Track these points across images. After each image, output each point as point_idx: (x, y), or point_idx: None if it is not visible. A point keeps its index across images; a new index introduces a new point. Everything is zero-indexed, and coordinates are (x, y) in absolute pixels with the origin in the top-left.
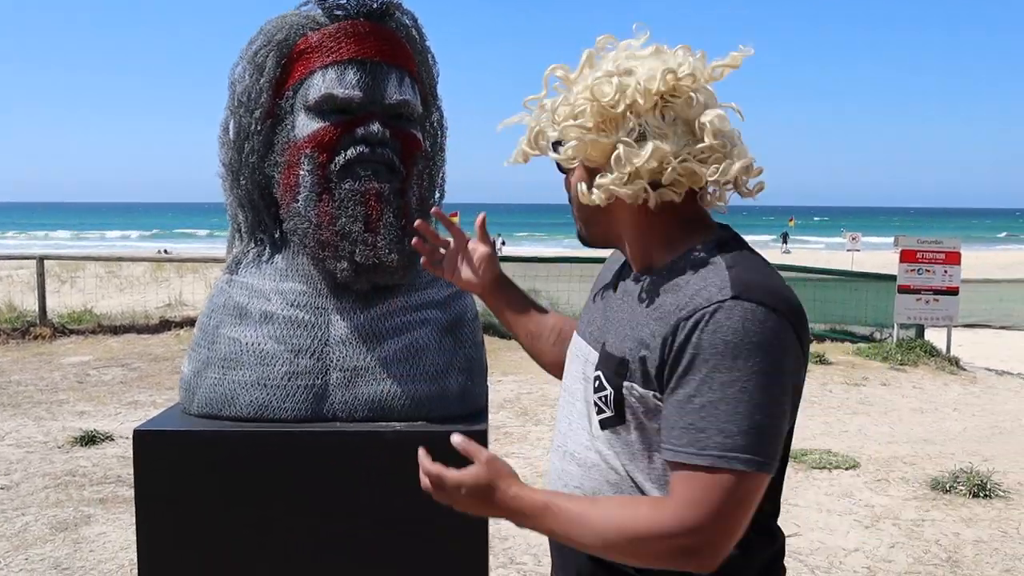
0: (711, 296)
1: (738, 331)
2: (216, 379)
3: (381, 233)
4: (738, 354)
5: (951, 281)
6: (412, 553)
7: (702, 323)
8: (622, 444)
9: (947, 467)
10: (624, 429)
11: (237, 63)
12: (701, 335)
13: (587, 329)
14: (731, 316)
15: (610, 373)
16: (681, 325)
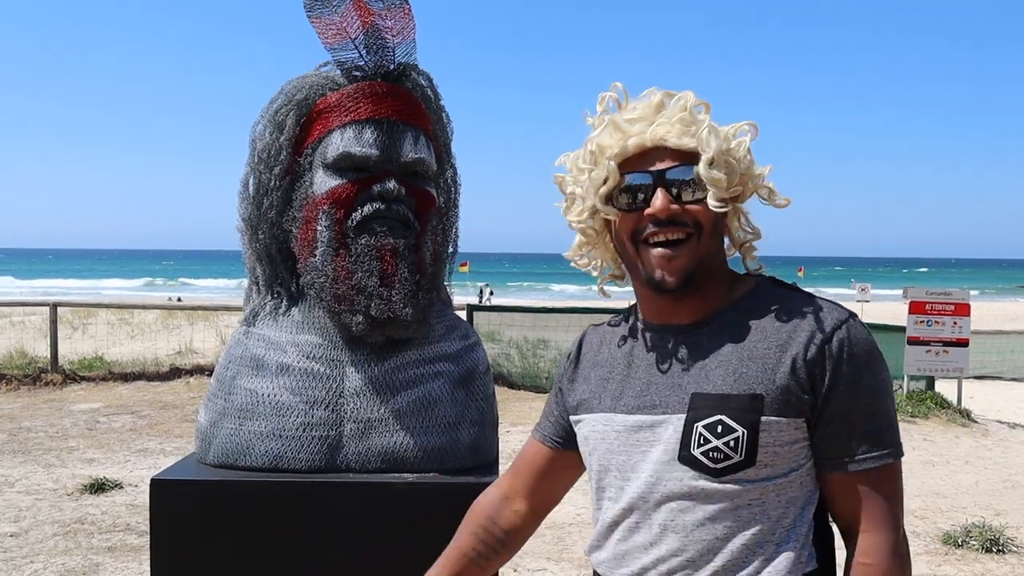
0: (838, 316)
1: (871, 343)
2: (232, 429)
3: (396, 288)
4: (877, 360)
5: (961, 333)
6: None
7: (843, 340)
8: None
9: (959, 521)
10: (753, 471)
11: (258, 121)
12: (852, 350)
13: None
14: (861, 331)
15: (738, 412)
16: (826, 348)
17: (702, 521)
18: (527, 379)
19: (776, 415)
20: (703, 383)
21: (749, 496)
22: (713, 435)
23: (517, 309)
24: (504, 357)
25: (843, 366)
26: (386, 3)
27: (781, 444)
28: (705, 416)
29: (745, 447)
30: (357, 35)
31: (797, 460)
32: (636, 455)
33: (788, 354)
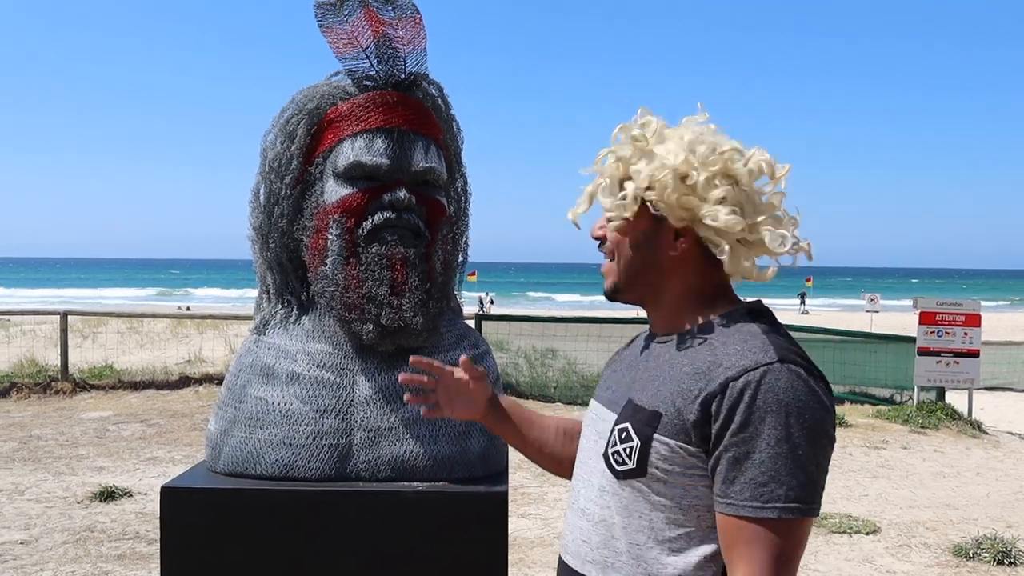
0: (758, 359)
1: (788, 391)
2: (243, 438)
3: (406, 296)
4: (790, 412)
5: (971, 343)
6: None
7: (753, 384)
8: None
9: (970, 533)
10: (643, 482)
11: (269, 130)
12: (755, 395)
13: (604, 394)
14: (780, 378)
15: (640, 425)
16: (731, 385)
17: (603, 516)
18: (535, 388)
19: (667, 435)
20: (638, 392)
21: (640, 506)
22: (619, 440)
23: (525, 319)
24: (512, 366)
25: (740, 408)
26: (397, 13)
27: (672, 464)
28: (622, 421)
29: (637, 457)
30: (368, 45)
31: (696, 491)
32: (591, 443)
33: (698, 383)
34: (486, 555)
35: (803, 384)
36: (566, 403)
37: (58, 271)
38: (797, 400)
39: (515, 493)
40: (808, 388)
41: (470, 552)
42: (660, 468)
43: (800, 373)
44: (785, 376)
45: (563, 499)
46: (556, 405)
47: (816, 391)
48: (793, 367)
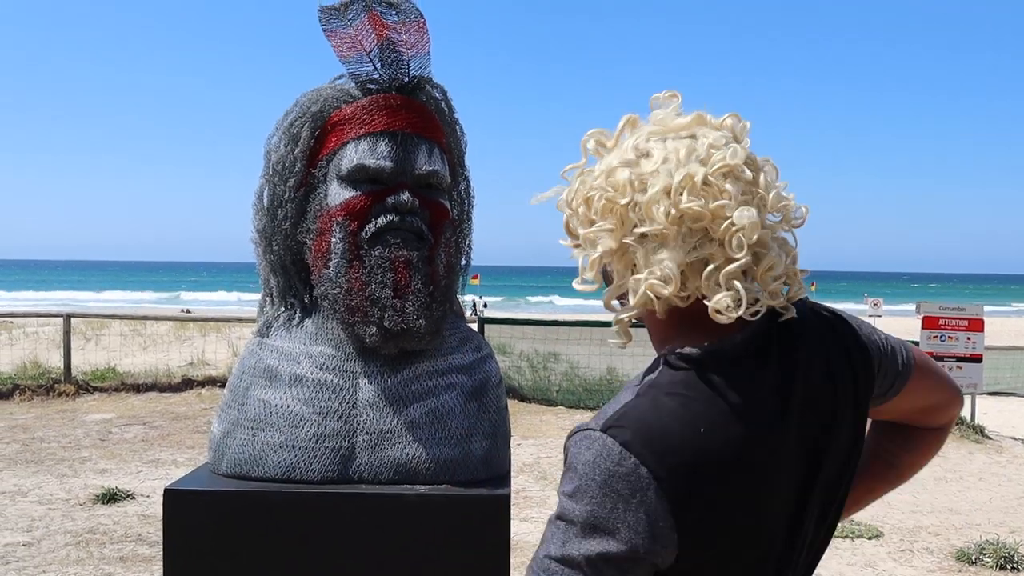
0: (588, 422)
1: (587, 465)
2: (245, 440)
3: (409, 299)
4: (574, 493)
5: (974, 348)
6: None
7: (568, 449)
8: None
9: (973, 538)
10: None
11: (273, 133)
12: (565, 462)
13: None
14: (590, 448)
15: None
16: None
17: None
18: (538, 392)
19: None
20: None
21: None
22: None
23: (528, 322)
24: (515, 370)
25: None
26: (401, 17)
27: None
28: None
29: None
30: (372, 48)
31: None
32: None
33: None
34: (488, 558)
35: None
36: (568, 407)
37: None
38: (586, 483)
39: (517, 496)
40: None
41: (472, 555)
42: None
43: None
44: (594, 448)
45: None
46: (559, 409)
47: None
48: (608, 440)
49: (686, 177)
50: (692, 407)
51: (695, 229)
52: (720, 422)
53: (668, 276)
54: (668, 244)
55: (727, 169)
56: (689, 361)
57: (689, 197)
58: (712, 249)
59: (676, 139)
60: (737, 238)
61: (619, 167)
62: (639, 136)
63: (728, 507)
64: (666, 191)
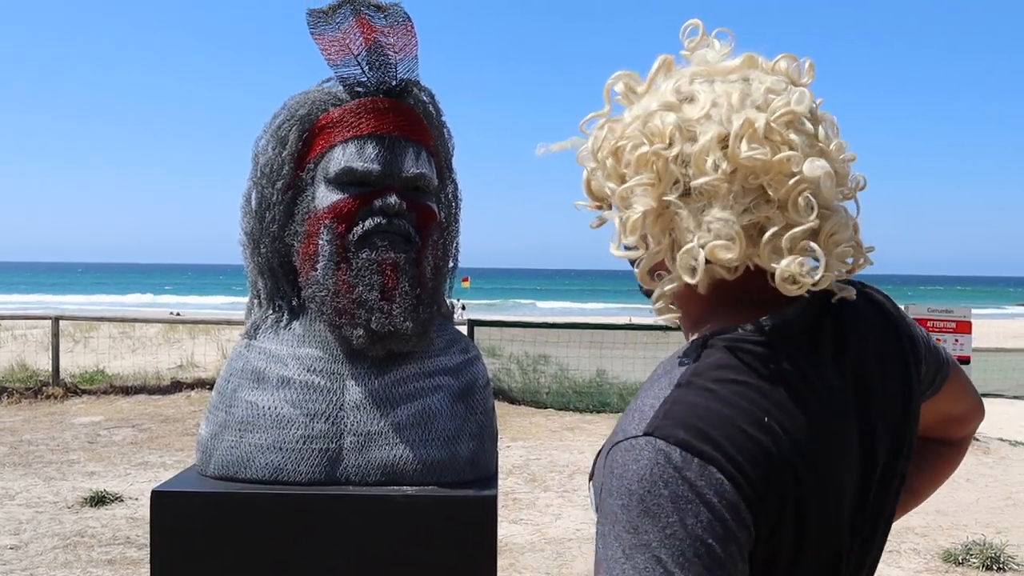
0: (629, 428)
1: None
2: (233, 442)
3: (397, 302)
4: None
5: (962, 350)
6: None
7: (612, 464)
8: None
9: (960, 539)
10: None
11: (261, 136)
12: (611, 481)
13: None
14: (639, 459)
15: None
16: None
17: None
18: (527, 394)
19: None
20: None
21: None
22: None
23: (518, 324)
24: (504, 372)
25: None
26: (389, 20)
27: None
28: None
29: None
30: (360, 51)
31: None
32: None
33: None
34: (476, 560)
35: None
36: (558, 409)
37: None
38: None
39: (506, 499)
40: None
41: (460, 556)
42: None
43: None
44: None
45: (554, 504)
46: (548, 411)
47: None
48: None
49: (745, 123)
50: (750, 395)
51: (750, 187)
52: (784, 410)
53: (732, 236)
54: (720, 201)
55: (791, 117)
56: (743, 343)
57: (751, 146)
58: (769, 212)
59: (726, 82)
60: (805, 197)
61: (659, 111)
62: (680, 79)
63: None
64: (720, 140)
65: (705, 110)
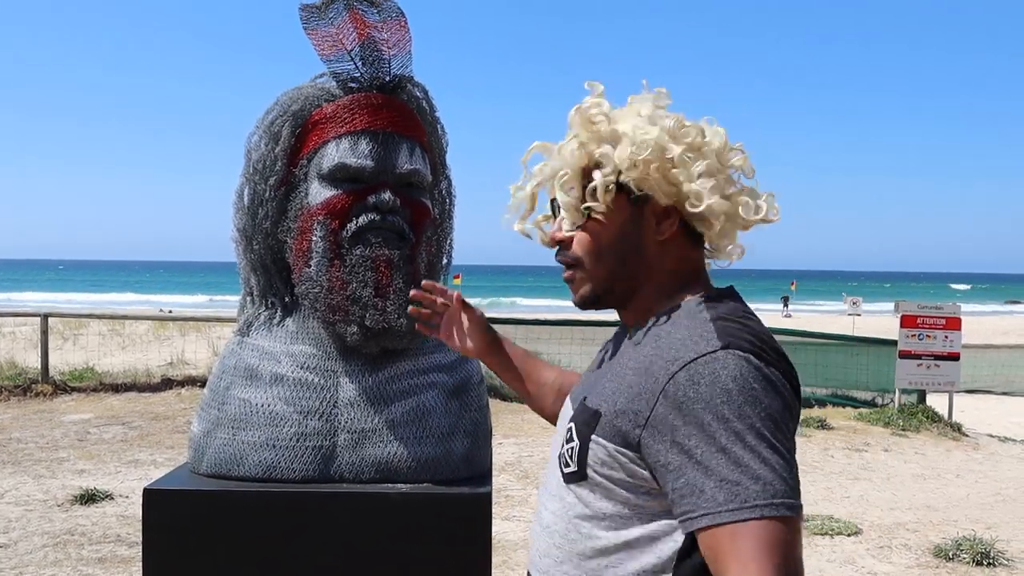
0: (699, 348)
1: (737, 379)
2: (226, 439)
3: (390, 298)
4: (744, 402)
5: (952, 347)
6: None
7: (696, 374)
8: (578, 502)
9: (950, 534)
10: (587, 487)
11: (253, 132)
12: (699, 389)
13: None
14: (726, 366)
15: (581, 424)
16: (671, 381)
17: (554, 522)
18: None
19: (604, 437)
20: (594, 389)
21: (582, 514)
22: (565, 440)
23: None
24: None
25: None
26: (382, 15)
27: (612, 469)
28: (572, 421)
29: (577, 459)
30: (353, 47)
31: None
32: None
33: (639, 380)
34: (470, 557)
35: (752, 369)
36: None
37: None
38: (748, 387)
39: (499, 496)
40: (758, 374)
41: (454, 554)
42: (599, 473)
43: (747, 358)
44: (732, 363)
45: None
46: None
47: (767, 376)
48: (739, 353)
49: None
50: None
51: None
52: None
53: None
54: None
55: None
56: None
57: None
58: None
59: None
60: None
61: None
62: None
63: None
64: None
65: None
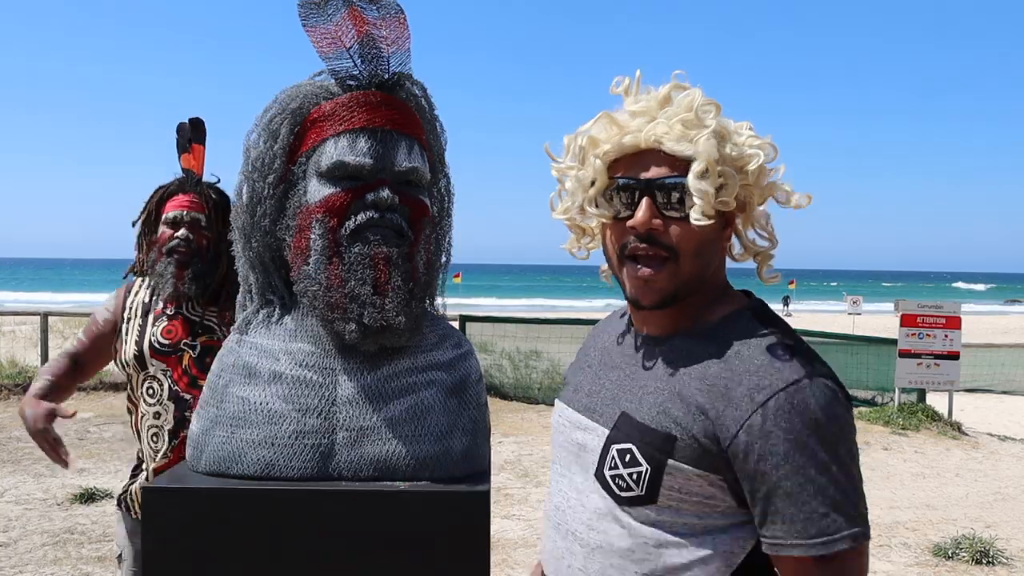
0: (786, 376)
1: (825, 408)
2: (224, 437)
3: (389, 296)
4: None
5: (952, 346)
6: None
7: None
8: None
9: (949, 533)
10: (654, 510)
11: (252, 130)
12: (791, 419)
13: (579, 398)
14: (816, 395)
15: (649, 448)
16: (761, 410)
17: (602, 545)
18: (519, 390)
19: (686, 463)
20: (635, 404)
21: (647, 536)
22: (622, 462)
23: (510, 320)
24: (496, 368)
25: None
26: (381, 13)
27: (689, 492)
28: (621, 440)
29: (647, 484)
30: (352, 45)
31: (711, 517)
32: (571, 455)
33: (718, 403)
34: (469, 555)
35: (836, 399)
36: (550, 405)
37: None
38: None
39: (498, 494)
40: (841, 403)
41: (453, 552)
42: (675, 496)
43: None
44: (819, 392)
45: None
46: (540, 407)
47: (846, 405)
48: (825, 380)
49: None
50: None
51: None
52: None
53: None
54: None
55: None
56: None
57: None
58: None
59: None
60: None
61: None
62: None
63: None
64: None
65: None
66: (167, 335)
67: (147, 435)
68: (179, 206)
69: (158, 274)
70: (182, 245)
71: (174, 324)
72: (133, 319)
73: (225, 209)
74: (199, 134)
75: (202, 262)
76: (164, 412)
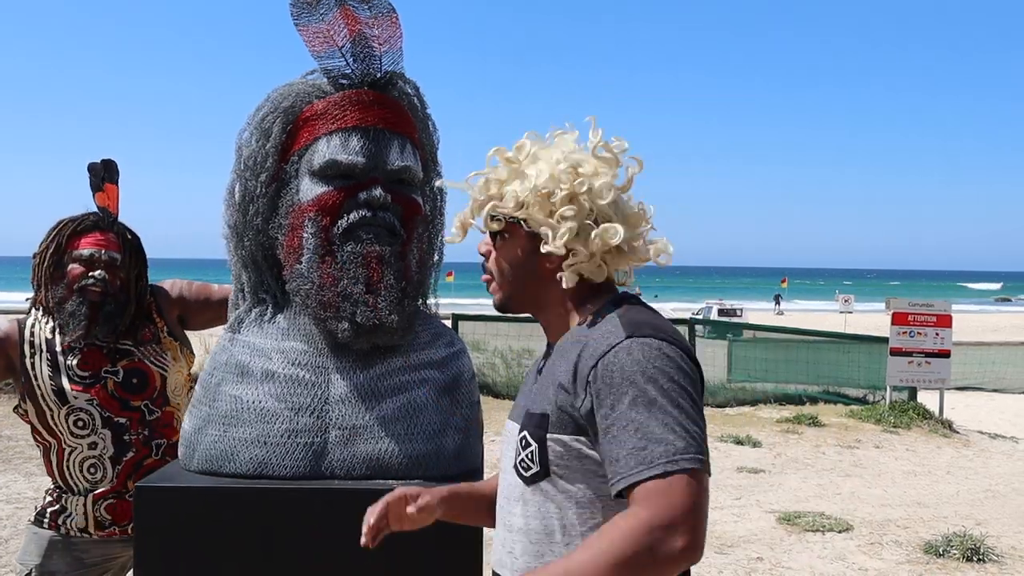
0: (610, 341)
1: (639, 361)
2: (217, 436)
3: (382, 295)
4: (646, 379)
5: (943, 344)
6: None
7: (608, 364)
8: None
9: (940, 530)
10: (549, 483)
11: (244, 128)
12: (611, 374)
13: (513, 412)
14: (631, 351)
15: (533, 428)
16: (591, 373)
17: (524, 525)
18: (512, 388)
19: (558, 432)
20: (531, 399)
21: (551, 506)
22: (522, 447)
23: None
24: (489, 366)
25: (604, 392)
26: (373, 12)
27: (568, 459)
28: (523, 430)
29: (539, 459)
30: (344, 43)
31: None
32: (506, 458)
33: (568, 376)
34: (462, 554)
35: (652, 350)
36: None
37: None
38: (650, 366)
39: None
40: (659, 352)
41: (446, 550)
42: (559, 465)
43: (648, 342)
44: (636, 348)
45: None
46: None
47: (668, 354)
48: (640, 339)
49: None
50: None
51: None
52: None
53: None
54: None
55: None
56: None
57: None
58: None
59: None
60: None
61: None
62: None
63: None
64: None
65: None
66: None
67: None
68: (95, 244)
69: (68, 313)
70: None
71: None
72: (39, 353)
73: (138, 250)
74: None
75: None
76: (101, 440)
